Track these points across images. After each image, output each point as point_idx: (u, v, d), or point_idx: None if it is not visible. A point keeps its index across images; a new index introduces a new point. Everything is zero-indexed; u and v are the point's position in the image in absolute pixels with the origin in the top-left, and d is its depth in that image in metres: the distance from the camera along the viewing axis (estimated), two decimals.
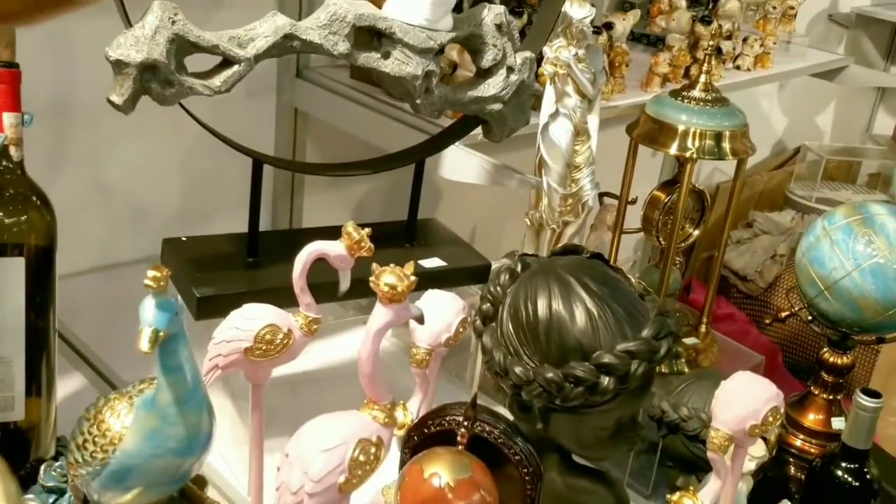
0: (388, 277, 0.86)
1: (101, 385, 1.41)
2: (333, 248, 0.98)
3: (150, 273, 0.77)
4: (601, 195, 1.99)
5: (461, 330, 1.06)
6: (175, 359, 0.83)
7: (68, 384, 1.40)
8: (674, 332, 0.99)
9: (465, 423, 0.82)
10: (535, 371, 0.95)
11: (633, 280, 1.10)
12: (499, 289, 1.06)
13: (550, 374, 0.94)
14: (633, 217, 1.96)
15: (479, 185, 1.62)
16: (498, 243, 2.39)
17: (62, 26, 1.50)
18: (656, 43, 2.24)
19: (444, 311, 1.06)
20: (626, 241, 2.02)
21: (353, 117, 1.72)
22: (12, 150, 1.04)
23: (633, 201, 1.98)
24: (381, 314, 0.86)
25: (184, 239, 1.29)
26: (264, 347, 1.01)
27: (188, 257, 1.24)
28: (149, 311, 0.77)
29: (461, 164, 1.53)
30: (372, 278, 0.86)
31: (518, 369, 0.97)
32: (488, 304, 1.05)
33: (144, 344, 0.77)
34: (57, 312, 1.15)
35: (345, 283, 1.00)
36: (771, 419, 1.01)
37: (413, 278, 0.85)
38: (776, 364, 2.47)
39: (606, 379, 0.93)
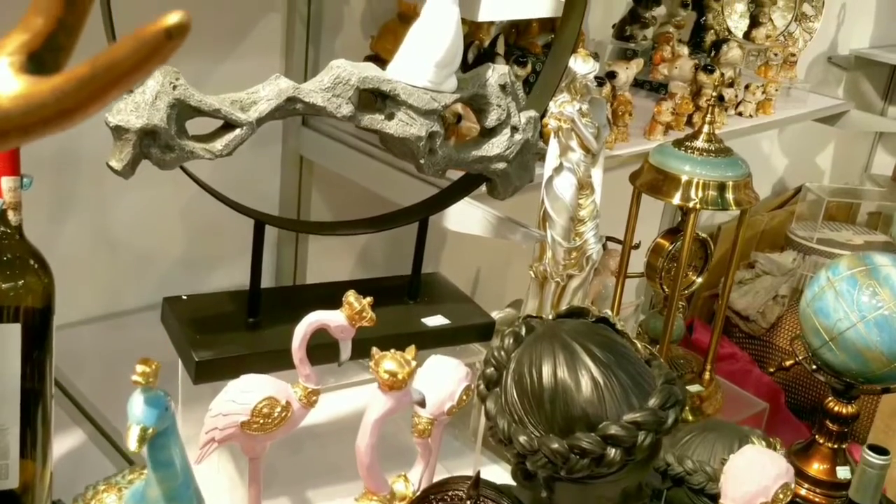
0: (388, 364, 0.85)
1: (101, 442, 1.40)
2: (334, 319, 0.98)
3: (139, 368, 0.76)
4: (606, 240, 1.99)
5: (464, 398, 1.06)
6: (165, 454, 0.82)
7: (67, 441, 1.38)
8: (681, 401, 0.98)
9: (468, 502, 0.81)
10: (540, 441, 0.94)
11: (639, 345, 1.10)
12: (503, 353, 1.05)
13: (556, 445, 0.93)
14: (636, 259, 1.97)
15: None
16: (502, 289, 2.39)
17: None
18: (659, 89, 2.24)
19: (446, 378, 1.05)
20: (629, 283, 2.02)
21: (359, 167, 1.72)
22: (10, 215, 1.03)
23: (637, 246, 1.98)
24: (380, 402, 0.85)
25: (184, 297, 1.29)
26: (262, 421, 0.99)
27: (188, 317, 1.24)
28: (137, 408, 0.76)
29: (465, 216, 1.52)
30: (371, 364, 0.84)
31: (522, 438, 0.96)
32: (492, 369, 1.05)
33: (132, 443, 0.75)
34: (58, 364, 1.15)
35: (345, 354, 1.00)
36: (781, 496, 1.00)
37: (414, 364, 0.84)
38: (779, 406, 2.46)
39: (613, 450, 0.92)
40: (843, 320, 1.60)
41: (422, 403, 0.91)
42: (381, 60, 1.76)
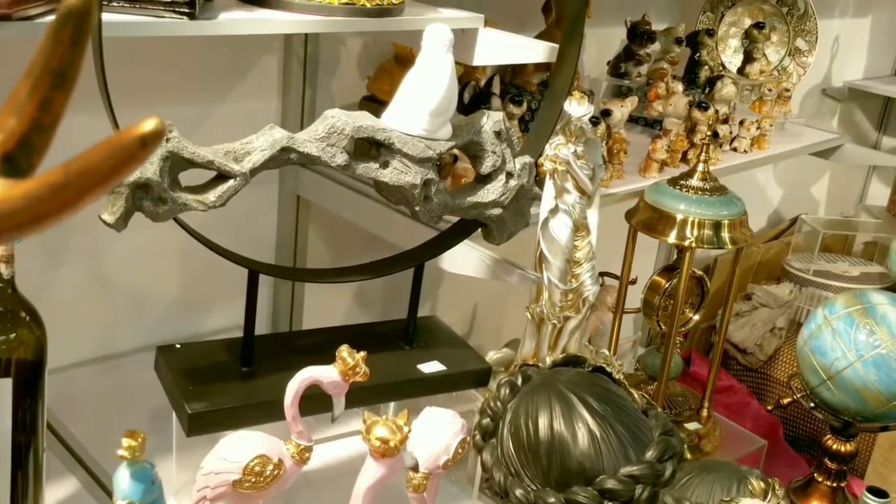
0: (379, 430, 0.84)
1: (95, 490, 1.39)
2: (327, 375, 0.97)
3: (125, 442, 0.75)
4: (601, 275, 1.99)
5: (460, 451, 1.05)
6: None
7: (61, 489, 1.37)
8: (679, 453, 0.98)
9: None
10: (537, 495, 0.94)
11: (635, 394, 1.10)
12: (499, 403, 1.05)
13: (552, 500, 0.93)
14: (633, 292, 1.97)
15: None
16: (499, 326, 2.38)
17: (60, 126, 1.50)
18: (654, 125, 2.25)
19: (442, 431, 1.05)
20: (626, 317, 2.02)
21: (356, 207, 1.72)
22: (2, 268, 1.03)
23: (634, 281, 1.98)
24: (372, 470, 0.84)
25: (178, 346, 1.28)
26: (254, 479, 0.99)
27: (181, 367, 1.23)
28: (124, 482, 0.76)
29: (462, 257, 1.52)
30: (362, 431, 0.84)
31: (519, 492, 0.95)
32: (488, 419, 1.04)
33: None
34: (52, 408, 1.14)
35: (338, 409, 0.99)
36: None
37: (407, 430, 0.83)
38: (777, 439, 2.45)
39: None
40: (841, 359, 1.60)
41: (415, 468, 0.90)
42: (377, 101, 1.77)
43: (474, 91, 1.83)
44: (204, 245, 1.20)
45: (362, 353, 0.99)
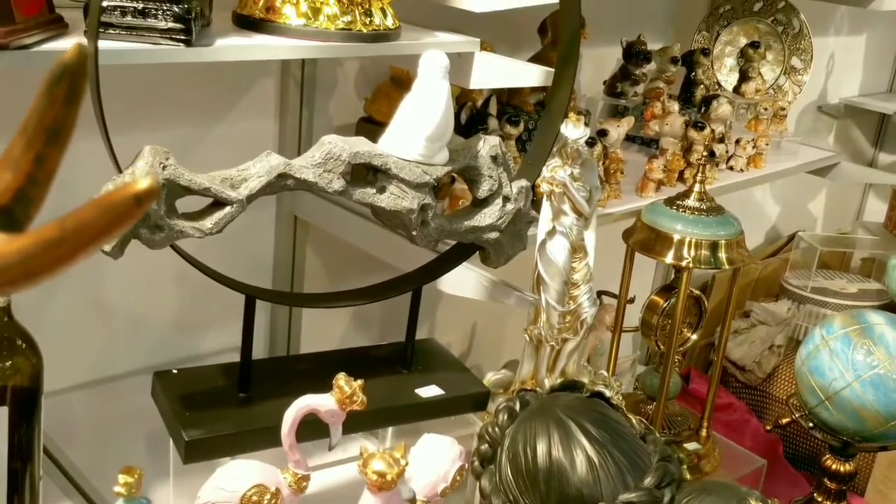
0: (377, 464, 0.84)
1: None
2: (324, 403, 0.97)
3: (121, 479, 0.75)
4: (599, 294, 1.99)
5: (458, 479, 1.05)
6: None
7: None
8: (677, 479, 0.98)
9: None
10: None
11: (633, 420, 1.09)
12: (497, 429, 1.05)
13: None
14: (631, 311, 1.96)
15: None
16: (499, 345, 2.38)
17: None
18: (650, 144, 2.25)
19: (440, 458, 1.04)
20: (624, 337, 2.01)
21: (352, 227, 1.72)
22: None
23: (632, 300, 1.98)
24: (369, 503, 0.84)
25: (175, 372, 1.28)
26: None
27: (178, 393, 1.23)
28: None
29: (460, 279, 1.52)
30: (359, 463, 0.83)
31: None
32: (486, 445, 1.04)
33: None
34: (48, 432, 1.14)
35: (335, 438, 0.99)
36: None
37: (404, 463, 0.83)
38: (777, 457, 2.45)
39: None
40: (839, 380, 1.60)
41: (412, 501, 0.89)
42: (375, 122, 1.78)
43: (471, 112, 1.83)
44: (201, 271, 1.20)
45: (359, 382, 0.99)
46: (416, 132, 1.17)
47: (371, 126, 1.78)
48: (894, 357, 1.57)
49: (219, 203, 1.09)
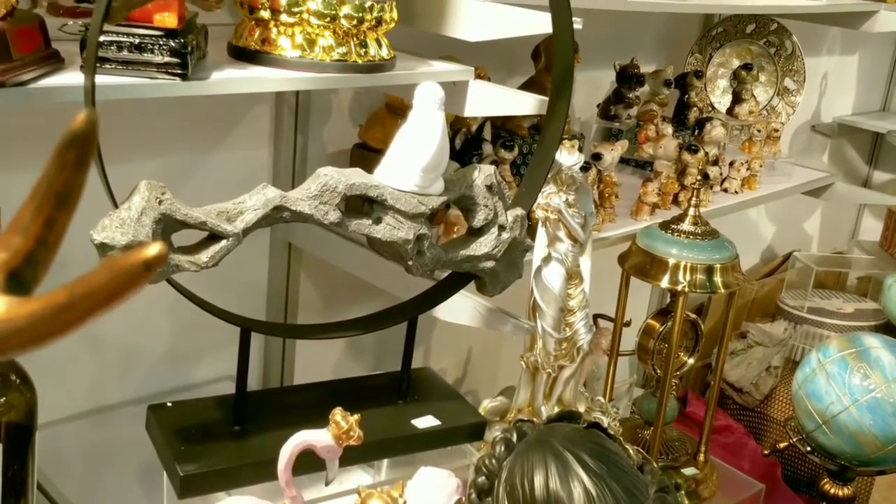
0: (375, 503, 0.84)
1: None
2: (320, 439, 0.96)
3: None
4: (595, 317, 1.99)
5: None
6: None
7: None
8: None
9: None
10: None
11: (631, 450, 1.09)
12: (494, 461, 1.05)
13: None
14: (626, 334, 1.96)
15: None
16: (494, 372, 2.37)
17: None
18: (644, 166, 2.26)
19: (437, 493, 1.04)
20: (621, 360, 2.01)
21: (347, 254, 1.72)
22: None
23: (628, 324, 1.98)
24: None
25: (169, 405, 1.27)
26: None
27: (173, 427, 1.22)
28: None
29: (455, 306, 1.52)
30: (357, 502, 0.83)
31: None
32: (484, 478, 1.04)
33: None
34: (40, 465, 1.13)
35: (332, 473, 0.98)
36: None
37: (402, 502, 0.83)
38: (775, 479, 2.44)
39: None
40: (836, 404, 1.60)
41: None
42: (369, 149, 1.78)
43: (465, 137, 1.83)
44: (196, 304, 1.20)
45: (356, 417, 0.99)
46: (411, 163, 1.17)
47: (365, 153, 1.78)
48: (891, 381, 1.57)
49: (215, 236, 1.08)
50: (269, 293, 1.90)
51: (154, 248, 0.39)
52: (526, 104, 1.45)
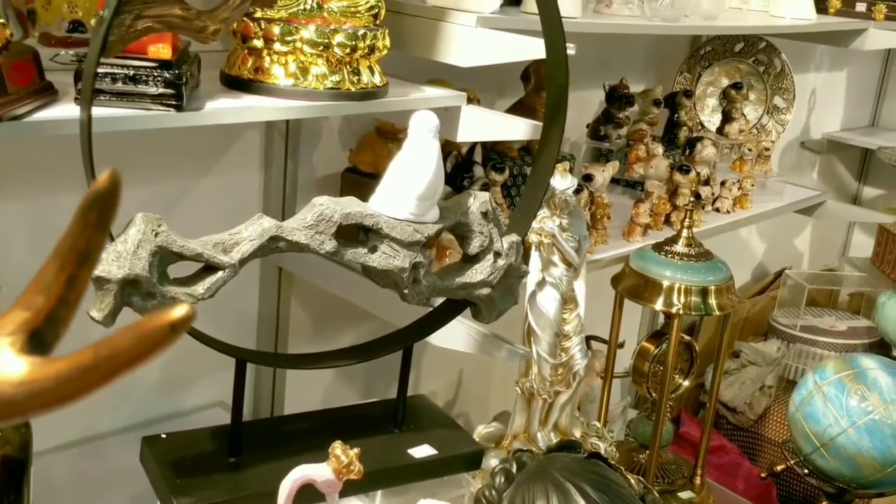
0: None
1: None
2: (320, 473, 0.95)
3: None
4: (588, 339, 1.98)
5: None
6: None
7: None
8: None
9: None
10: None
11: (632, 479, 1.08)
12: (494, 493, 1.04)
13: None
14: (620, 356, 1.96)
15: None
16: (486, 394, 2.36)
17: (41, 201, 1.49)
18: (635, 185, 2.26)
19: None
20: (614, 381, 2.00)
21: (339, 279, 1.71)
22: None
23: (622, 345, 1.97)
24: None
25: (164, 436, 1.26)
26: None
27: (167, 459, 1.21)
28: None
29: (449, 332, 1.51)
30: None
31: None
32: None
33: None
34: (35, 498, 1.12)
35: None
36: None
37: None
38: (771, 501, 2.44)
39: None
40: (834, 426, 1.59)
41: None
42: (359, 173, 1.77)
43: (456, 160, 1.83)
44: (192, 336, 1.19)
45: (356, 451, 0.98)
46: (406, 191, 1.16)
47: (356, 177, 1.78)
48: (889, 402, 1.56)
49: (211, 267, 1.07)
50: (260, 317, 1.88)
51: (180, 310, 0.39)
52: (518, 129, 1.44)
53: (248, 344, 1.88)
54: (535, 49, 1.32)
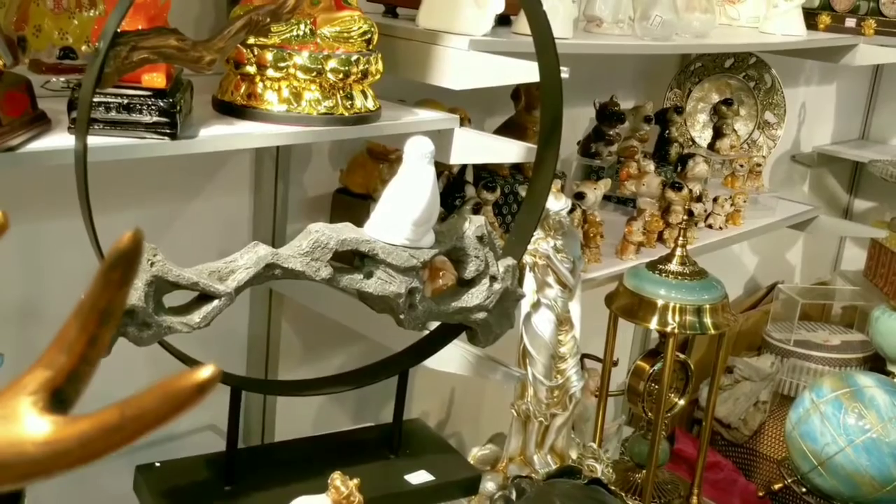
0: None
1: None
2: None
3: None
4: (582, 357, 1.98)
5: None
6: None
7: None
8: None
9: None
10: None
11: None
12: None
13: None
14: (614, 373, 1.95)
15: None
16: (477, 413, 2.35)
17: (32, 229, 1.48)
18: (626, 202, 2.26)
19: None
20: (608, 401, 2.00)
21: (329, 300, 1.69)
22: None
23: (616, 363, 1.97)
24: None
25: (157, 465, 1.25)
26: None
27: (162, 488, 1.20)
28: None
29: (445, 354, 1.50)
30: None
31: None
32: None
33: None
34: None
35: None
36: None
37: None
38: None
39: None
40: (831, 445, 1.59)
41: None
42: (350, 194, 1.77)
43: (448, 180, 1.83)
44: (182, 361, 1.18)
45: (356, 481, 0.97)
46: (402, 217, 1.16)
47: (347, 198, 1.77)
48: (887, 420, 1.56)
49: (206, 296, 1.07)
50: (251, 338, 1.87)
51: (207, 371, 0.38)
52: (512, 152, 1.44)
53: (239, 365, 1.87)
54: (527, 72, 1.32)
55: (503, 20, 1.65)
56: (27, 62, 1.26)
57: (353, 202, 1.76)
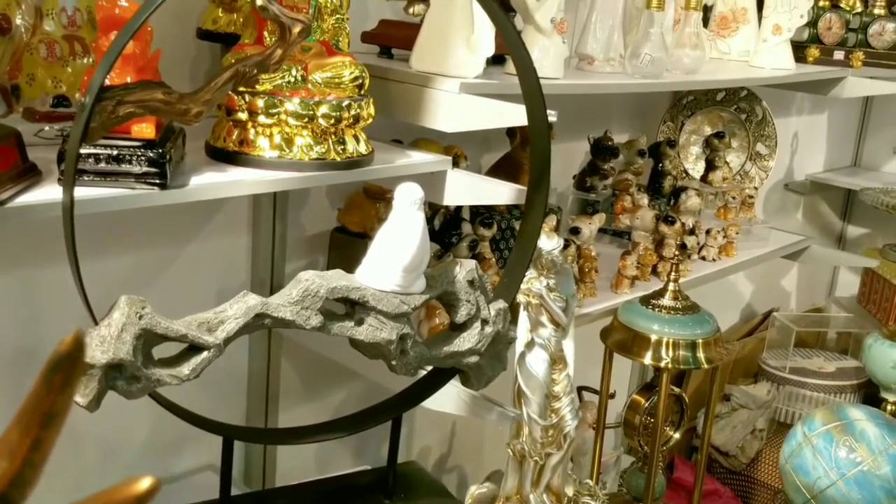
0: None
1: None
2: None
3: None
4: (579, 390, 1.98)
5: None
6: None
7: None
8: None
9: None
10: None
11: None
12: None
13: None
14: (610, 405, 1.95)
15: None
16: (479, 447, 2.36)
17: (27, 275, 1.49)
18: (621, 234, 2.27)
19: None
20: (606, 432, 2.00)
21: (327, 340, 1.69)
22: None
23: (612, 395, 1.97)
24: None
25: None
26: None
27: None
28: None
29: (440, 395, 1.51)
30: None
31: None
32: None
33: None
34: None
35: None
36: None
37: None
38: None
39: None
40: (823, 478, 1.59)
41: None
42: (348, 233, 1.78)
43: (444, 217, 1.84)
44: (177, 415, 1.19)
45: None
46: (392, 264, 1.17)
47: (345, 236, 1.78)
48: (877, 453, 1.57)
49: (196, 347, 1.07)
50: (250, 377, 1.88)
51: (146, 483, 0.39)
52: (503, 194, 1.45)
53: (239, 404, 1.87)
54: (517, 116, 1.33)
55: (497, 59, 1.67)
56: (20, 111, 1.27)
57: (350, 241, 1.77)
